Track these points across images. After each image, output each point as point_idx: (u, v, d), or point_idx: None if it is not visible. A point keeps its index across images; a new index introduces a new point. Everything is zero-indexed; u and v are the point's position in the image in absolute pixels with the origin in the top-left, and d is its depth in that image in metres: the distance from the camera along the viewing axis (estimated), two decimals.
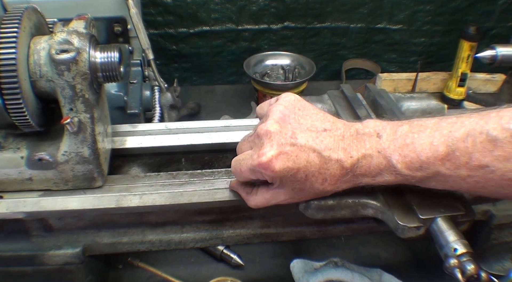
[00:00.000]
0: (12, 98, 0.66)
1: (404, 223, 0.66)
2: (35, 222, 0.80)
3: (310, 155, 0.63)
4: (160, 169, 0.93)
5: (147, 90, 1.37)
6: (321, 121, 0.66)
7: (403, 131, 0.62)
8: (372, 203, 0.72)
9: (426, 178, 0.61)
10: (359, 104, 0.95)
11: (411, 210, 0.68)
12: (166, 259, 1.06)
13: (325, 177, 0.64)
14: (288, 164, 0.62)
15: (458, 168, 0.57)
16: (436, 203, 0.69)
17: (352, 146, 0.63)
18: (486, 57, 0.92)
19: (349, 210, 0.72)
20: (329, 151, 0.63)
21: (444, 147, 0.57)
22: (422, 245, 1.13)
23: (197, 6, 1.68)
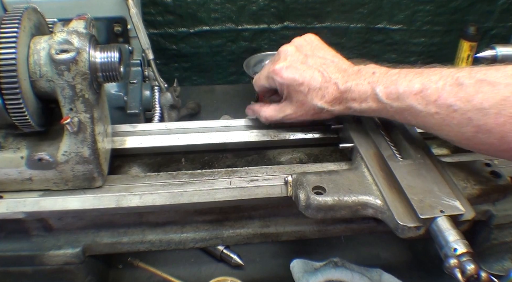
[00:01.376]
0: (12, 98, 0.66)
1: (404, 223, 0.66)
2: (35, 222, 0.80)
3: (315, 73, 0.79)
4: (160, 169, 0.93)
5: (147, 90, 1.37)
6: (332, 56, 0.85)
7: (393, 72, 0.74)
8: (372, 203, 0.72)
9: (401, 109, 0.71)
10: None
11: (411, 210, 0.68)
12: (166, 259, 1.07)
13: (323, 94, 0.79)
14: (295, 75, 0.80)
15: (428, 104, 0.67)
16: (436, 203, 0.69)
17: (350, 77, 0.78)
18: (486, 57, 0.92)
19: (349, 210, 0.72)
20: (331, 74, 0.79)
21: (419, 84, 0.68)
22: (422, 245, 1.13)
23: (197, 6, 1.68)
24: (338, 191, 0.72)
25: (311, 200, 0.70)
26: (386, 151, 0.81)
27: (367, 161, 0.79)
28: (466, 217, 0.68)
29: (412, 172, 0.75)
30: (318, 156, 0.97)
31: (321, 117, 0.83)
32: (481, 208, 0.94)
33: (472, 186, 0.76)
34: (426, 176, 0.74)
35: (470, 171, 0.79)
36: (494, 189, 0.77)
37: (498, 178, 0.78)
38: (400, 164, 0.77)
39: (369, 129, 0.87)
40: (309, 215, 0.72)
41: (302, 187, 0.72)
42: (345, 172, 0.78)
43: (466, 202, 0.71)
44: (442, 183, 0.73)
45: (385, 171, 0.76)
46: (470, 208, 0.70)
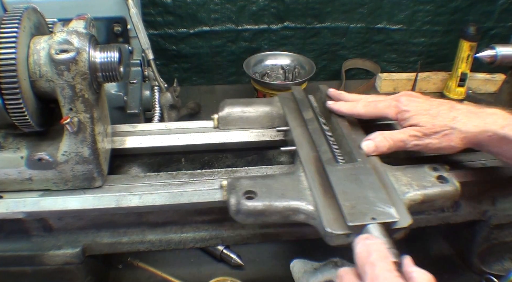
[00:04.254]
0: (12, 98, 0.66)
1: (332, 230, 0.63)
2: (35, 222, 0.80)
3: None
4: (160, 169, 0.93)
5: (147, 90, 1.37)
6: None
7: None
8: (303, 208, 0.69)
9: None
10: (307, 106, 0.93)
11: (341, 216, 0.65)
12: (166, 259, 1.07)
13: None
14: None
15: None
16: (369, 209, 0.65)
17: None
18: (486, 57, 0.92)
19: (280, 216, 0.69)
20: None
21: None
22: (422, 245, 1.13)
23: (197, 6, 1.68)
24: (269, 196, 0.69)
25: (241, 205, 0.68)
26: (325, 154, 0.78)
27: (305, 165, 0.76)
28: (400, 224, 0.65)
29: (349, 177, 0.72)
30: None
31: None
32: (481, 208, 0.94)
33: (415, 191, 0.72)
34: (363, 181, 0.71)
35: (415, 175, 0.75)
36: (439, 195, 0.73)
37: (444, 183, 0.74)
38: (337, 169, 0.74)
39: (312, 132, 0.84)
40: (239, 220, 0.70)
41: (234, 192, 0.70)
42: (281, 176, 0.75)
43: (403, 208, 0.68)
44: (379, 189, 0.69)
45: (322, 176, 0.73)
46: (407, 215, 0.66)
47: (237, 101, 0.97)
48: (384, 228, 0.63)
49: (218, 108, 0.96)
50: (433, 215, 0.94)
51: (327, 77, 1.95)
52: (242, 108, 0.95)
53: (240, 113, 0.94)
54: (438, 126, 0.76)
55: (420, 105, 0.79)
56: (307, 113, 0.91)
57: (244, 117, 0.95)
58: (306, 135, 0.85)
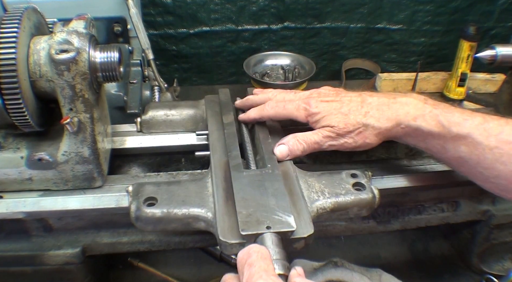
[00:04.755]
0: (12, 98, 0.66)
1: (225, 239, 0.60)
2: (35, 222, 0.80)
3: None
4: (160, 169, 0.93)
5: (147, 90, 1.37)
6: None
7: (447, 104, 0.73)
8: (203, 216, 0.66)
9: (459, 137, 0.69)
10: (229, 110, 0.90)
11: (237, 224, 0.62)
12: (166, 259, 1.07)
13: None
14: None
15: (489, 137, 0.67)
16: (267, 217, 0.62)
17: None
18: (486, 57, 0.92)
19: (180, 223, 0.67)
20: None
21: (480, 117, 0.68)
22: (422, 245, 1.13)
23: (197, 6, 1.68)
24: (169, 203, 0.66)
25: (140, 212, 0.66)
26: (234, 160, 0.75)
27: (214, 170, 0.73)
28: (299, 234, 0.62)
29: (253, 183, 0.68)
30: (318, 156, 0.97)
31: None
32: (481, 208, 0.94)
33: (325, 199, 0.69)
34: (267, 188, 0.68)
35: (330, 182, 0.72)
36: (353, 203, 0.70)
37: (361, 190, 0.71)
38: (243, 175, 0.71)
39: (227, 137, 0.82)
40: (139, 227, 0.68)
41: (136, 198, 0.68)
42: (187, 182, 0.73)
43: (307, 217, 0.65)
44: (283, 196, 0.66)
45: (228, 182, 0.70)
46: (309, 224, 0.63)
47: (162, 104, 0.95)
48: (279, 238, 0.60)
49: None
50: (433, 215, 0.94)
51: (327, 77, 1.95)
52: (165, 111, 0.93)
53: (163, 117, 0.93)
54: (351, 125, 0.74)
55: (330, 104, 0.76)
56: (227, 116, 0.88)
57: (168, 120, 0.93)
58: (222, 139, 0.82)
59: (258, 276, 0.52)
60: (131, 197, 0.69)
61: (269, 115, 0.82)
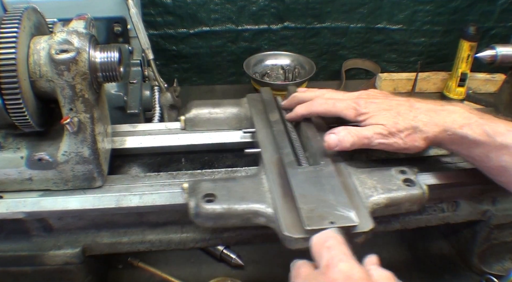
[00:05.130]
0: (12, 98, 0.66)
1: (290, 234, 0.62)
2: (35, 222, 0.80)
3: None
4: (160, 169, 0.93)
5: (147, 90, 1.37)
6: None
7: (487, 114, 0.75)
8: (262, 211, 0.68)
9: (502, 146, 0.71)
10: (273, 108, 0.92)
11: (299, 220, 0.64)
12: (166, 259, 1.06)
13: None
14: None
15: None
16: (328, 213, 0.64)
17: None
18: (486, 57, 0.92)
19: (240, 219, 0.68)
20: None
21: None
22: (422, 245, 1.13)
23: (197, 6, 1.68)
24: (229, 199, 0.68)
25: (200, 208, 0.67)
26: (288, 157, 0.76)
27: (267, 167, 0.75)
28: (361, 228, 0.64)
29: (310, 180, 0.70)
30: None
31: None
32: (481, 208, 0.94)
33: (379, 194, 0.71)
34: (324, 184, 0.70)
35: (381, 178, 0.74)
36: (405, 198, 0.72)
37: (411, 186, 0.73)
38: (299, 171, 0.73)
39: (277, 134, 0.84)
40: (199, 223, 0.69)
41: (194, 194, 0.69)
42: (242, 179, 0.75)
43: (365, 212, 0.67)
44: (340, 192, 0.68)
45: (283, 178, 0.72)
46: (369, 219, 0.65)
47: (205, 103, 0.96)
48: (343, 233, 0.61)
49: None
50: (433, 215, 0.94)
51: (327, 77, 1.95)
52: (209, 109, 0.94)
53: (207, 115, 0.94)
54: (401, 125, 0.75)
55: (379, 105, 0.78)
56: (273, 115, 0.90)
57: (212, 118, 0.94)
58: (271, 137, 0.84)
59: (338, 259, 0.53)
60: (187, 194, 0.71)
61: (318, 111, 0.83)
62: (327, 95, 0.85)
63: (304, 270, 0.57)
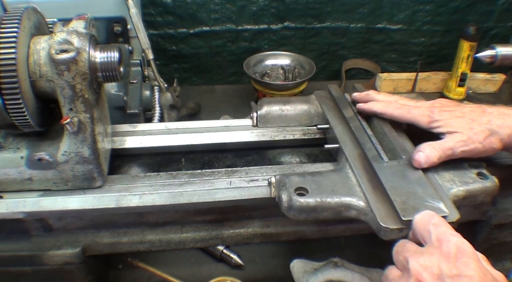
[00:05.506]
0: (12, 98, 0.66)
1: (387, 225, 0.65)
2: (35, 222, 0.80)
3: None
4: (160, 169, 0.93)
5: (147, 90, 1.37)
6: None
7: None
8: (355, 204, 0.70)
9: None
10: (346, 105, 0.94)
11: (394, 211, 0.67)
12: (166, 259, 1.07)
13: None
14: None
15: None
16: (420, 204, 0.67)
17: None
18: (486, 57, 0.92)
19: (332, 212, 0.71)
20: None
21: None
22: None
23: (197, 6, 1.68)
24: (321, 193, 0.70)
25: (294, 201, 0.69)
26: (370, 152, 0.79)
27: (351, 162, 0.78)
28: (450, 219, 0.67)
29: (396, 174, 0.74)
30: (318, 156, 0.97)
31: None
32: (481, 208, 0.94)
33: (458, 187, 0.74)
34: (410, 178, 0.73)
35: (456, 172, 0.77)
36: (480, 190, 0.75)
37: (484, 179, 0.76)
38: (384, 165, 0.76)
39: (355, 130, 0.86)
40: (291, 216, 0.71)
41: (285, 188, 0.71)
42: (328, 173, 0.77)
43: (450, 203, 0.70)
44: (426, 185, 0.72)
45: (369, 172, 0.75)
46: (455, 210, 0.69)
47: (275, 100, 1.00)
48: None
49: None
50: None
51: (327, 77, 1.95)
52: (280, 106, 0.96)
53: (278, 111, 0.96)
54: (477, 130, 0.77)
55: (452, 113, 0.80)
56: (347, 111, 0.92)
57: (283, 115, 0.96)
58: (348, 132, 0.86)
59: (450, 234, 0.57)
60: (274, 187, 0.74)
61: (393, 115, 0.86)
62: (401, 101, 0.88)
63: (411, 245, 0.61)
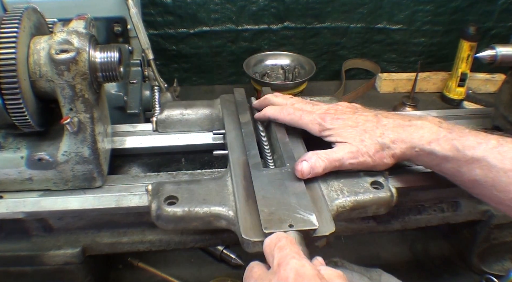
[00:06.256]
0: (12, 98, 0.66)
1: (248, 237, 0.61)
2: (35, 222, 0.80)
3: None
4: (160, 169, 0.93)
5: (147, 90, 1.37)
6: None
7: (461, 127, 0.73)
8: (224, 214, 0.67)
9: (473, 160, 0.69)
10: (245, 109, 0.90)
11: (259, 223, 0.63)
12: (166, 259, 1.07)
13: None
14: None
15: (503, 160, 0.66)
16: (288, 216, 0.63)
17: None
18: (486, 57, 0.92)
19: (201, 222, 0.67)
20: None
21: (494, 140, 0.68)
22: (422, 245, 1.13)
23: (197, 6, 1.68)
24: (191, 202, 0.67)
25: (162, 210, 0.66)
26: (253, 158, 0.75)
27: (233, 169, 0.74)
28: (321, 232, 0.63)
29: (274, 182, 0.69)
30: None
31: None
32: (481, 208, 0.94)
33: (345, 197, 0.70)
34: (288, 187, 0.69)
35: (348, 181, 0.73)
36: (371, 201, 0.71)
37: (380, 189, 0.72)
38: (263, 173, 0.72)
39: (245, 136, 0.82)
40: (160, 226, 0.69)
41: (156, 197, 0.68)
42: (207, 181, 0.74)
43: (328, 215, 0.66)
44: (303, 195, 0.67)
45: (248, 180, 0.71)
46: (331, 223, 0.64)
47: (177, 103, 0.95)
48: (302, 236, 0.61)
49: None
50: (433, 215, 0.94)
51: (327, 77, 1.95)
52: (181, 111, 0.93)
53: (179, 116, 0.92)
54: (368, 143, 0.73)
55: (345, 122, 0.76)
56: (244, 116, 0.88)
57: (184, 119, 0.92)
58: (240, 138, 0.82)
59: (290, 257, 0.54)
60: (150, 196, 0.70)
61: (284, 120, 0.82)
62: (297, 105, 0.84)
63: (257, 270, 0.58)
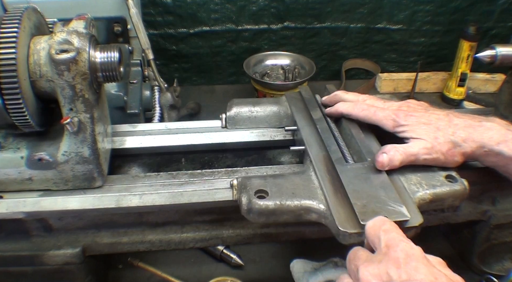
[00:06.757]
0: (12, 98, 0.66)
1: (345, 229, 0.64)
2: (35, 222, 0.80)
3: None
4: (160, 169, 0.93)
5: (147, 90, 1.37)
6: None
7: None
8: (315, 207, 0.69)
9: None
10: (315, 106, 0.93)
11: (353, 215, 0.65)
12: (166, 259, 1.07)
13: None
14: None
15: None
16: (381, 208, 0.65)
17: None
18: (486, 57, 0.92)
19: (292, 215, 0.69)
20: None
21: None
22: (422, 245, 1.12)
23: (197, 6, 1.68)
24: (281, 195, 0.69)
25: (253, 204, 0.68)
26: (335, 154, 0.78)
27: (315, 164, 0.76)
28: (412, 223, 0.65)
29: (359, 176, 0.72)
30: None
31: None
32: (481, 208, 0.94)
33: (424, 190, 0.72)
34: (373, 181, 0.71)
35: (424, 175, 0.75)
36: (448, 194, 0.73)
37: (453, 182, 0.74)
38: (348, 168, 0.74)
39: (321, 132, 0.84)
40: (251, 219, 0.70)
41: (245, 191, 0.70)
42: (291, 175, 0.75)
43: (414, 207, 0.68)
44: (389, 188, 0.70)
45: (332, 175, 0.73)
46: (418, 214, 0.67)
47: (245, 101, 0.97)
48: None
49: (225, 107, 0.96)
50: (433, 215, 0.94)
51: (327, 77, 1.95)
52: (250, 108, 0.95)
53: (248, 113, 0.95)
54: (442, 141, 0.76)
55: (419, 119, 0.79)
56: (315, 112, 0.91)
57: (252, 116, 0.95)
58: (315, 134, 0.85)
59: (399, 240, 0.57)
60: (236, 190, 0.72)
61: (358, 116, 0.84)
62: (368, 101, 0.86)
63: (362, 253, 0.60)
